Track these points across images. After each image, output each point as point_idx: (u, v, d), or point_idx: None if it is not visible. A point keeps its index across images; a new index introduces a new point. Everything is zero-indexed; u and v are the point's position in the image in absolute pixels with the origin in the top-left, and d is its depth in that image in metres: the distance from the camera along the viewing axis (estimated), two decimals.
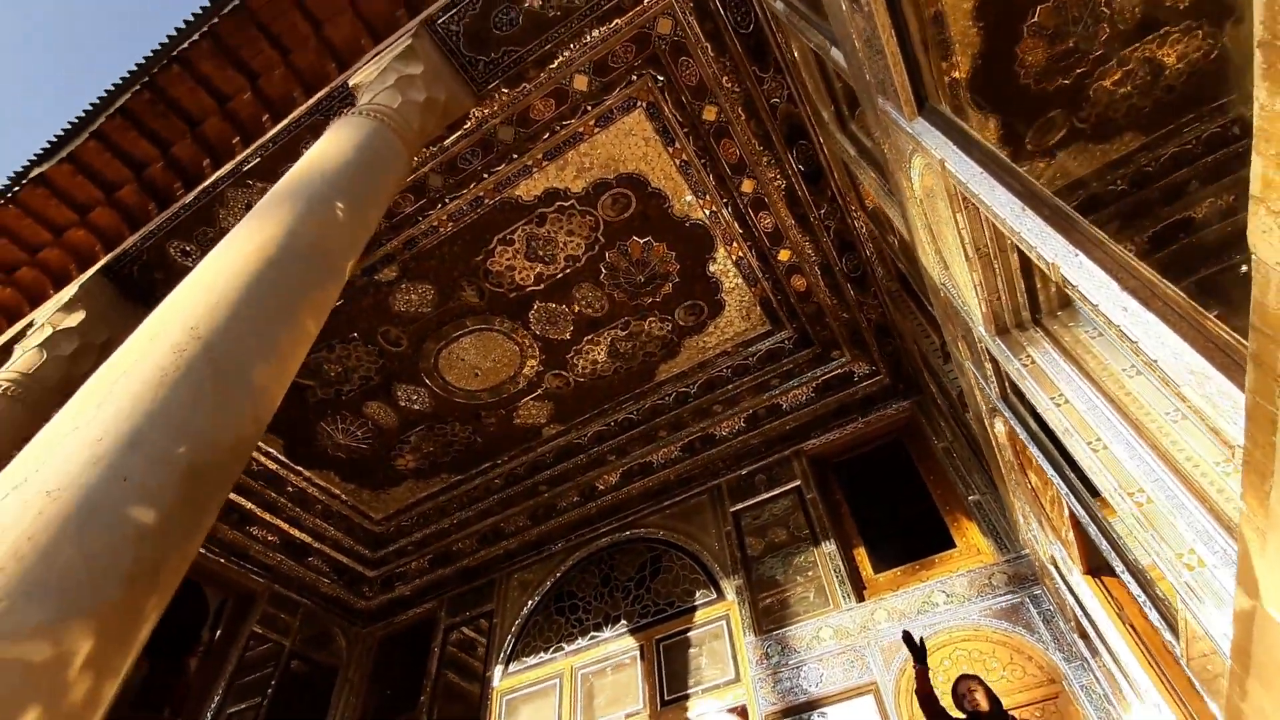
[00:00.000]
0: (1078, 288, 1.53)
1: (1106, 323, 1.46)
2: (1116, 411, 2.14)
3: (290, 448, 7.82)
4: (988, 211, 1.90)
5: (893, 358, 6.66)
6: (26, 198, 5.81)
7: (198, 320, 1.99)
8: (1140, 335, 1.36)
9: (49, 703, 1.25)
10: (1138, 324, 1.37)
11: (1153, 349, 1.32)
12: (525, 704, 6.90)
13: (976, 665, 4.88)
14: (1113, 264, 1.45)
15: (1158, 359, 1.30)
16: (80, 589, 1.40)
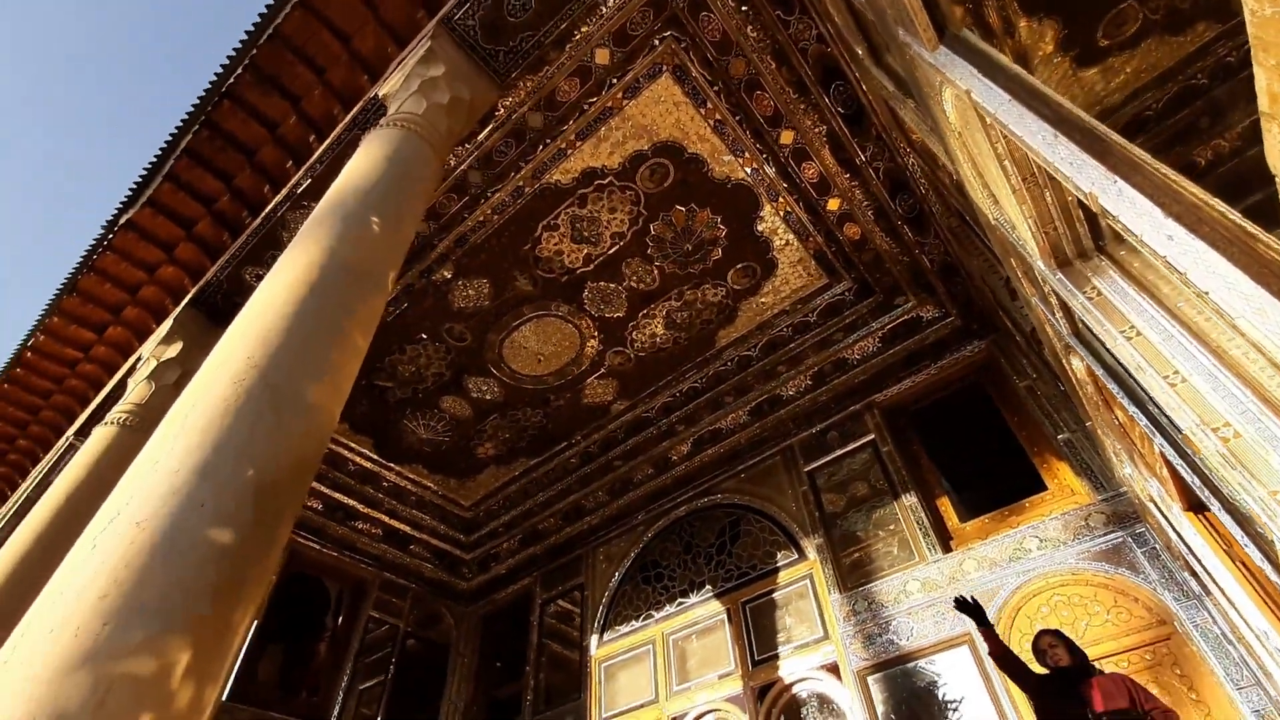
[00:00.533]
0: (1118, 217, 1.39)
1: (1152, 254, 1.33)
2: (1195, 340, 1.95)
3: (379, 446, 8.32)
4: (1019, 142, 1.75)
5: (962, 298, 6.30)
6: (120, 243, 6.34)
7: (253, 350, 2.15)
8: (1188, 265, 1.23)
9: (159, 710, 1.42)
10: (1185, 252, 1.24)
11: (1202, 279, 1.19)
12: (622, 670, 7.17)
13: (1077, 610, 4.66)
14: (1154, 188, 1.31)
15: (1208, 290, 1.18)
16: (174, 607, 1.56)
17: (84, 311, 6.81)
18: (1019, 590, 4.97)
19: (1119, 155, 1.40)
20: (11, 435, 8.21)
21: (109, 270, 6.49)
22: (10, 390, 7.57)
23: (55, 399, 7.74)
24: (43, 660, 1.40)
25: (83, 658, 1.40)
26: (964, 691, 4.85)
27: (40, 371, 7.44)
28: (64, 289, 6.72)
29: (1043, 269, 2.58)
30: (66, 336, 7.08)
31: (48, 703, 1.33)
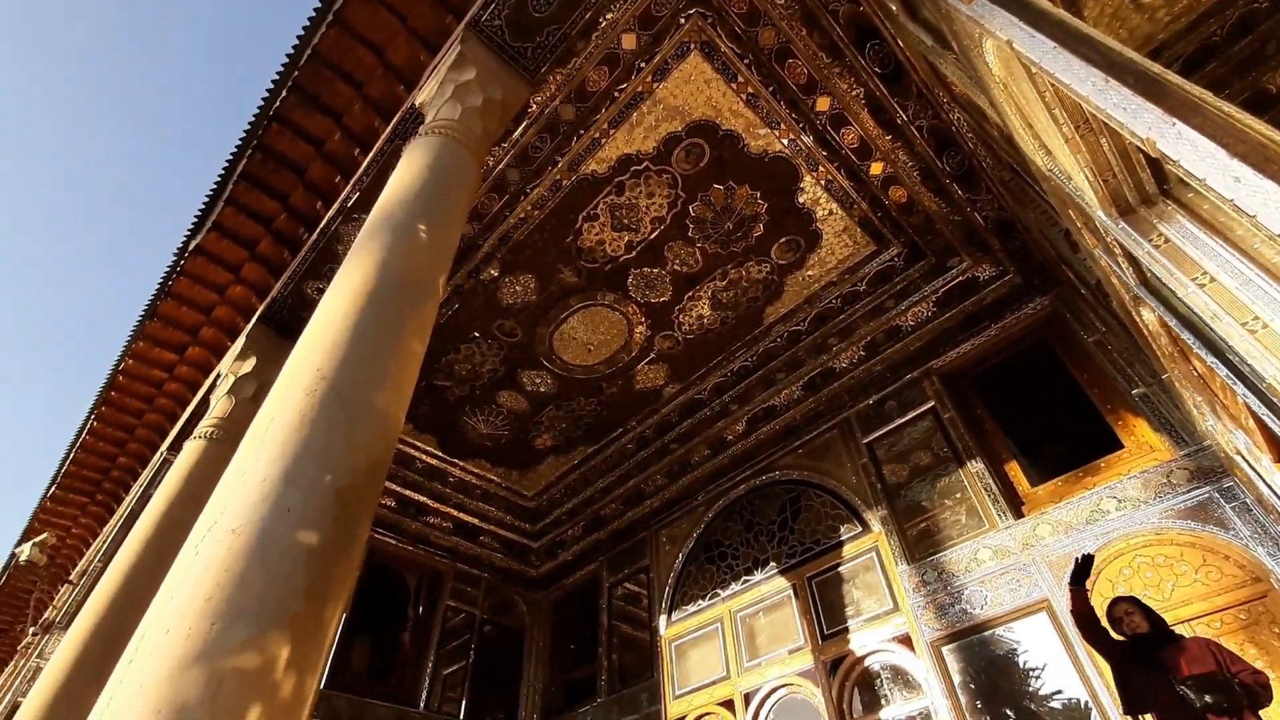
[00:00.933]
0: (1179, 161, 1.33)
1: (1219, 199, 1.26)
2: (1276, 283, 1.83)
3: (443, 443, 8.63)
4: (1067, 90, 1.67)
5: (1020, 254, 6.02)
6: (191, 267, 6.73)
7: (320, 363, 2.28)
8: (1258, 207, 1.16)
9: (267, 700, 1.56)
10: (1254, 194, 1.17)
11: (1274, 221, 1.13)
12: (692, 648, 7.28)
13: (1162, 571, 4.45)
14: (1216, 128, 1.24)
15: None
16: (272, 606, 1.70)
17: (165, 335, 7.29)
18: (1098, 553, 4.78)
19: (1176, 96, 1.33)
20: (113, 454, 8.89)
21: (184, 294, 6.91)
22: (108, 413, 8.18)
23: (148, 418, 8.33)
24: (161, 659, 1.55)
25: (195, 656, 1.54)
26: (1045, 658, 4.73)
27: (132, 393, 8.02)
28: (146, 314, 7.20)
29: (1104, 219, 2.46)
30: (152, 359, 7.59)
31: (170, 697, 1.47)
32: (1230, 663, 2.93)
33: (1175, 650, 3.08)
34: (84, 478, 9.24)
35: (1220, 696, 2.76)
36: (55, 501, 9.48)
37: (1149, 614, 3.32)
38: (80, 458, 8.83)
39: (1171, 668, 3.01)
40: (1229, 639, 4.11)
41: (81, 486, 9.39)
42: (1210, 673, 2.87)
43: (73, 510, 9.78)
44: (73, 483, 9.25)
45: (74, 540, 10.30)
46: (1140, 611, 3.34)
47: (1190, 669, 2.94)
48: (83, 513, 9.85)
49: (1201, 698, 2.83)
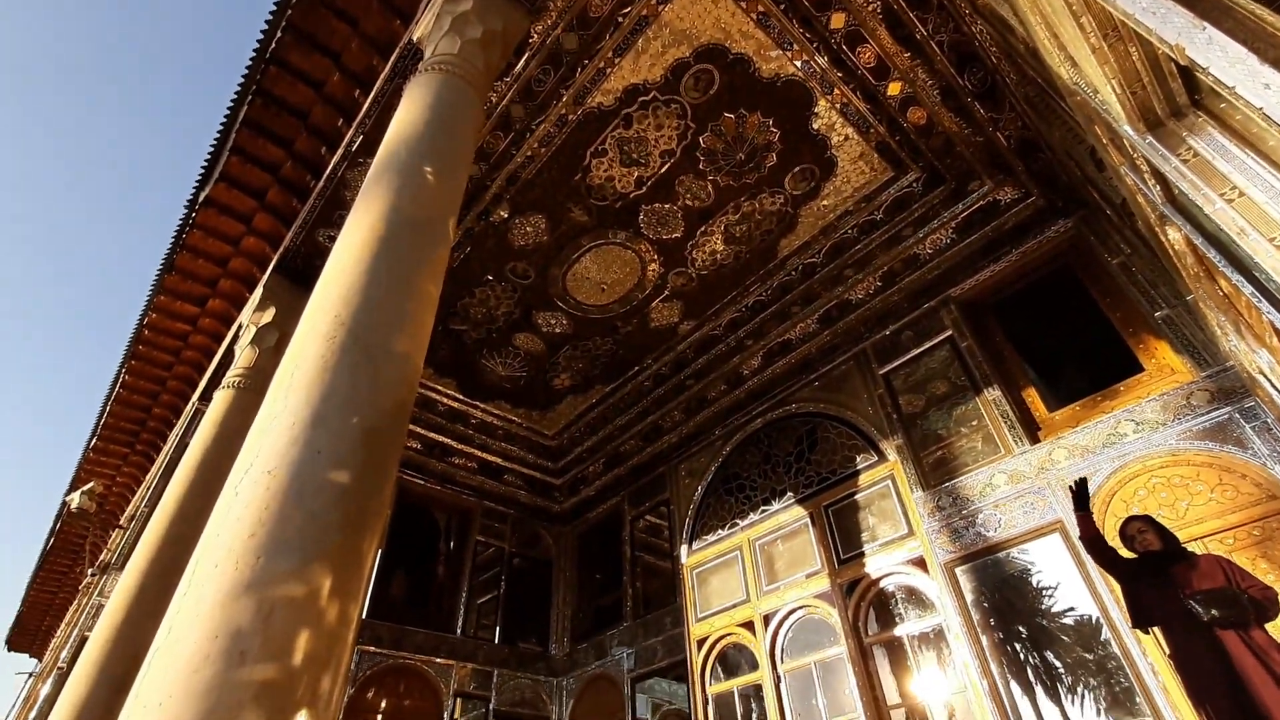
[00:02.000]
0: (1209, 69, 1.27)
1: (1249, 108, 1.21)
2: None
3: (463, 386, 8.79)
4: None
5: (1044, 175, 5.81)
6: (203, 219, 6.74)
7: (339, 309, 2.31)
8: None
9: (313, 627, 1.67)
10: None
11: None
12: (712, 575, 7.57)
13: (1177, 491, 4.50)
14: (1248, 33, 1.18)
15: None
16: (311, 540, 1.80)
17: (184, 288, 7.38)
18: (1114, 475, 4.83)
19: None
20: (147, 405, 9.19)
21: (198, 246, 6.95)
22: (138, 366, 8.41)
23: (176, 370, 8.55)
24: (214, 590, 1.66)
25: (245, 586, 1.65)
26: (1058, 577, 4.86)
27: (159, 346, 8.21)
28: (163, 268, 7.28)
29: (1131, 134, 2.37)
30: (174, 312, 7.72)
31: (226, 623, 1.59)
32: (1240, 578, 3.00)
33: (1186, 567, 3.15)
34: (122, 429, 9.59)
35: (1227, 610, 2.84)
36: (97, 453, 9.89)
37: (1162, 532, 3.38)
38: (116, 410, 9.15)
39: (1181, 583, 3.09)
40: (1241, 555, 4.18)
41: (121, 438, 9.76)
42: (1219, 588, 2.94)
43: (115, 460, 10.21)
44: (112, 434, 9.62)
45: (119, 488, 10.79)
46: (1153, 530, 3.40)
47: (1200, 584, 3.01)
48: (125, 462, 10.28)
49: (1209, 611, 2.91)
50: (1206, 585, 2.99)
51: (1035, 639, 4.79)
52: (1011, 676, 4.79)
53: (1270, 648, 2.73)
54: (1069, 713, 4.47)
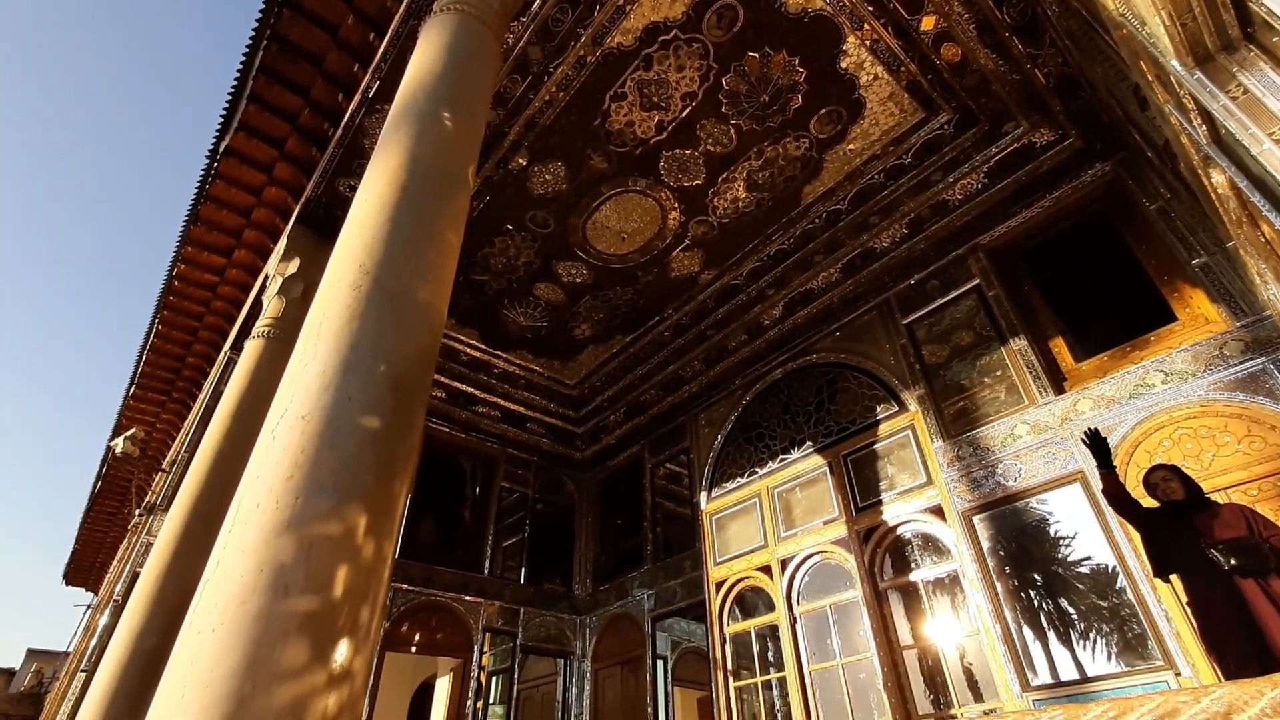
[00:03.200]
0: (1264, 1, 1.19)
1: None
2: None
3: (485, 336, 8.88)
4: None
5: (1083, 115, 5.55)
6: (225, 169, 6.76)
7: (362, 258, 2.34)
8: None
9: (351, 562, 1.77)
10: None
11: None
12: (731, 521, 7.73)
13: (1204, 442, 4.45)
14: None
15: None
16: (346, 482, 1.88)
17: (210, 239, 7.48)
18: (1139, 426, 4.78)
19: None
20: (181, 354, 9.46)
21: (221, 197, 7.00)
22: (170, 316, 8.62)
23: (207, 320, 8.75)
24: (257, 528, 1.76)
25: (285, 524, 1.74)
26: (1076, 527, 4.89)
27: (189, 297, 8.39)
28: (189, 219, 7.37)
29: (1178, 69, 2.25)
30: (201, 263, 7.85)
31: (270, 558, 1.68)
32: (1263, 527, 2.99)
33: (1209, 516, 3.15)
34: (158, 377, 9.90)
35: (1248, 559, 2.85)
36: (137, 399, 10.26)
37: (1186, 481, 3.36)
38: (152, 359, 9.43)
39: (1203, 531, 3.09)
40: (1265, 505, 4.15)
41: (158, 385, 10.09)
42: (1241, 537, 2.94)
43: (154, 406, 10.59)
44: (149, 382, 9.95)
45: (160, 433, 11.23)
46: (1177, 479, 3.38)
47: (1222, 533, 3.01)
48: (163, 409, 10.66)
49: (1229, 559, 2.92)
50: (1229, 534, 2.99)
51: (1050, 586, 4.86)
52: (1025, 622, 4.89)
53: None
54: (1080, 657, 4.57)
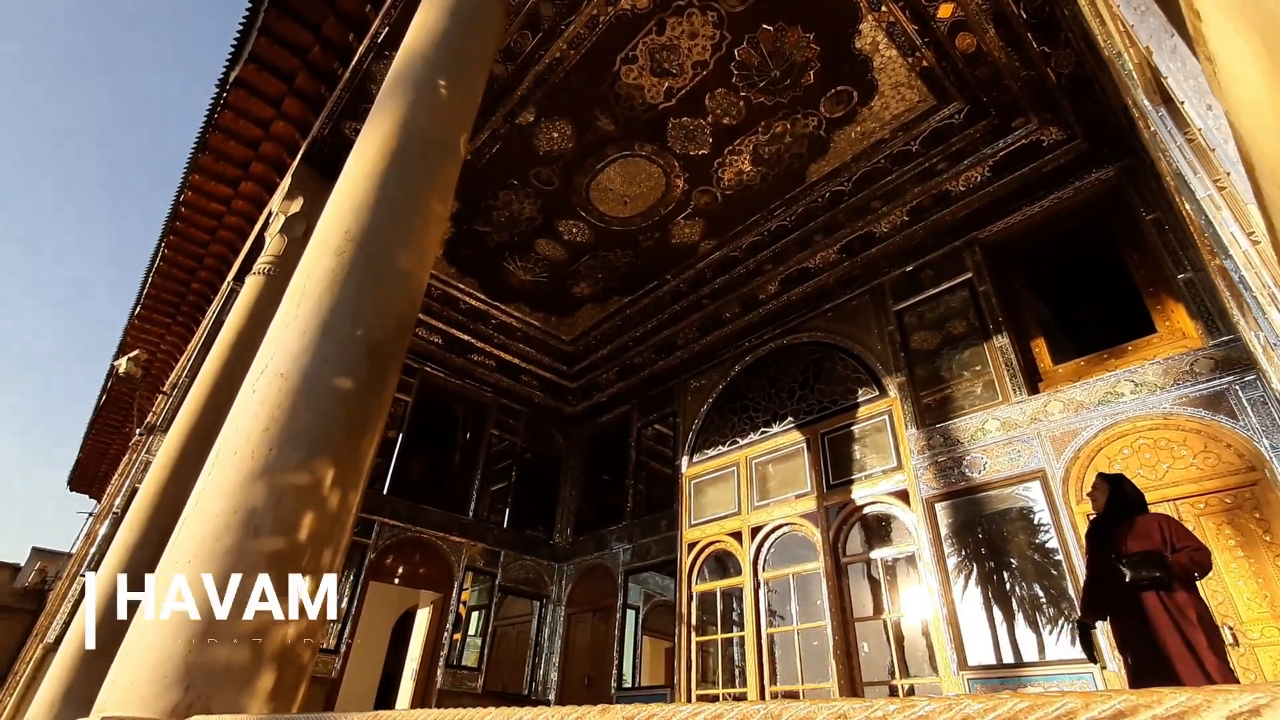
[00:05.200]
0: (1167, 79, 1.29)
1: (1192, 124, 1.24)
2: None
3: (484, 286, 8.99)
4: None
5: (1092, 117, 5.51)
6: (234, 100, 6.77)
7: (348, 225, 2.46)
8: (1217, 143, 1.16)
9: (317, 510, 1.95)
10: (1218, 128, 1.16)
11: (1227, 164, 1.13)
12: (709, 486, 8.00)
13: (1161, 453, 4.60)
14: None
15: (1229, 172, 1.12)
16: (317, 436, 2.05)
17: (218, 168, 7.53)
18: (1103, 432, 4.94)
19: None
20: (186, 279, 9.61)
21: (230, 127, 7.02)
22: (176, 242, 8.73)
23: (212, 248, 8.87)
24: (234, 473, 1.94)
25: (259, 472, 1.92)
26: (1031, 522, 5.11)
27: (195, 224, 8.48)
28: (197, 147, 7.41)
29: (1146, 105, 2.31)
30: (208, 191, 7.91)
31: (244, 502, 1.87)
32: (1176, 537, 3.13)
33: (1128, 526, 3.31)
34: (164, 300, 10.09)
35: (1149, 572, 3.00)
36: (141, 320, 10.47)
37: (1115, 493, 3.49)
38: (157, 283, 9.59)
39: (1117, 543, 3.26)
40: (1209, 519, 4.34)
41: (163, 309, 10.29)
42: (1145, 551, 3.10)
43: (158, 329, 10.81)
44: (154, 305, 10.13)
45: (163, 355, 11.49)
46: (1105, 488, 3.51)
47: (1133, 545, 3.18)
48: (167, 331, 10.88)
49: (1126, 573, 3.09)
50: (1139, 546, 3.15)
51: (998, 575, 5.11)
52: (970, 606, 5.15)
53: (1187, 605, 2.92)
54: (1016, 643, 4.84)
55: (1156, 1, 1.31)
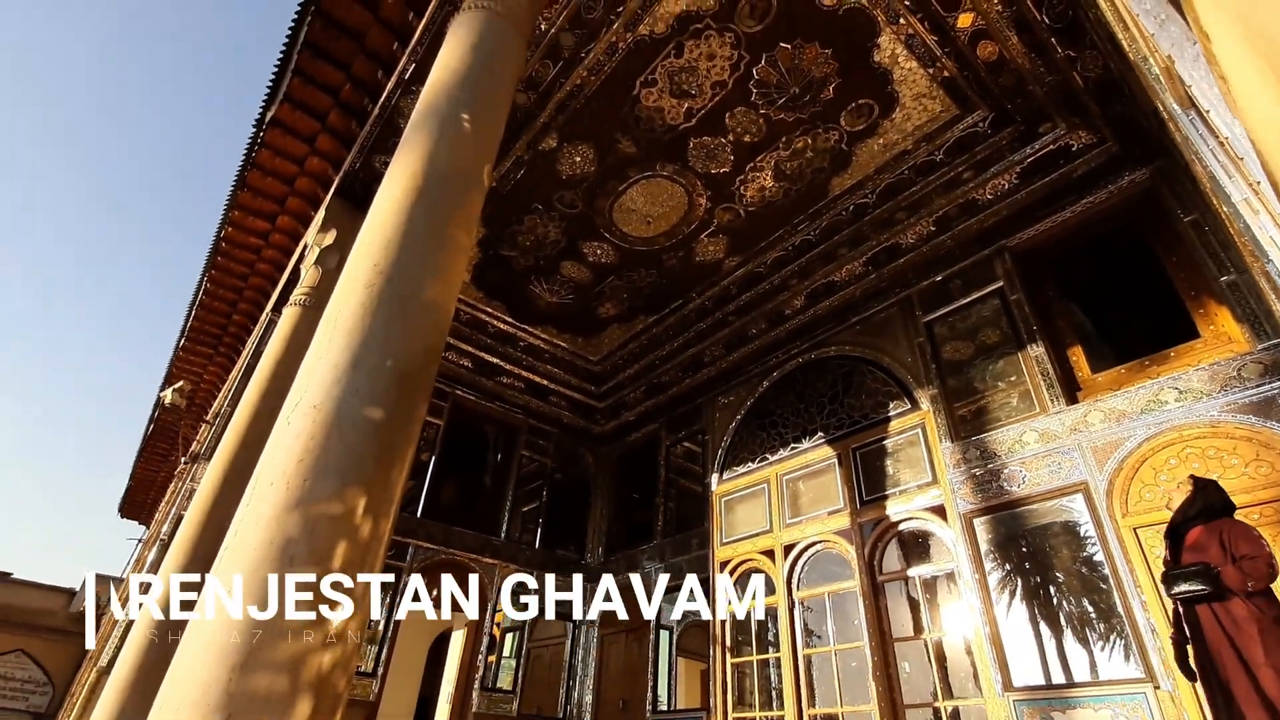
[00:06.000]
0: (1191, 88, 1.27)
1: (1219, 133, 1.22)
2: None
3: (512, 309, 9.12)
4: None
5: (1122, 120, 5.39)
6: (270, 139, 7.04)
7: (376, 258, 2.54)
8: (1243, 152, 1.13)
9: (350, 538, 2.00)
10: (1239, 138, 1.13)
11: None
12: (740, 504, 7.92)
13: (1210, 463, 4.42)
14: None
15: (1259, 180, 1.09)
16: (349, 467, 2.10)
17: (256, 204, 7.83)
18: (1147, 442, 4.76)
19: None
20: (227, 312, 9.96)
21: (267, 165, 7.31)
22: (217, 275, 9.07)
23: (252, 281, 9.18)
24: (270, 504, 2.00)
25: (294, 503, 1.98)
26: (1075, 537, 4.95)
27: (236, 259, 8.80)
28: (236, 184, 7.71)
29: (1175, 109, 2.26)
30: (247, 227, 8.22)
31: (279, 531, 1.93)
32: (1236, 546, 2.97)
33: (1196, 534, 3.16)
34: (206, 333, 10.46)
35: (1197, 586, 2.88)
36: (185, 353, 10.86)
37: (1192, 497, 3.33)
38: (200, 315, 9.96)
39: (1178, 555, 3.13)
40: (1265, 530, 4.12)
41: (206, 340, 10.66)
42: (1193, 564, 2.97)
43: (201, 360, 11.20)
44: (197, 337, 10.51)
45: (206, 385, 11.88)
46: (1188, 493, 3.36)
47: (1190, 557, 3.05)
48: (210, 362, 11.26)
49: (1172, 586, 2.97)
50: (1194, 559, 3.02)
51: (1042, 593, 4.93)
52: (1014, 624, 4.98)
53: (1247, 620, 2.77)
54: (1064, 663, 4.66)
55: (1176, 9, 1.30)
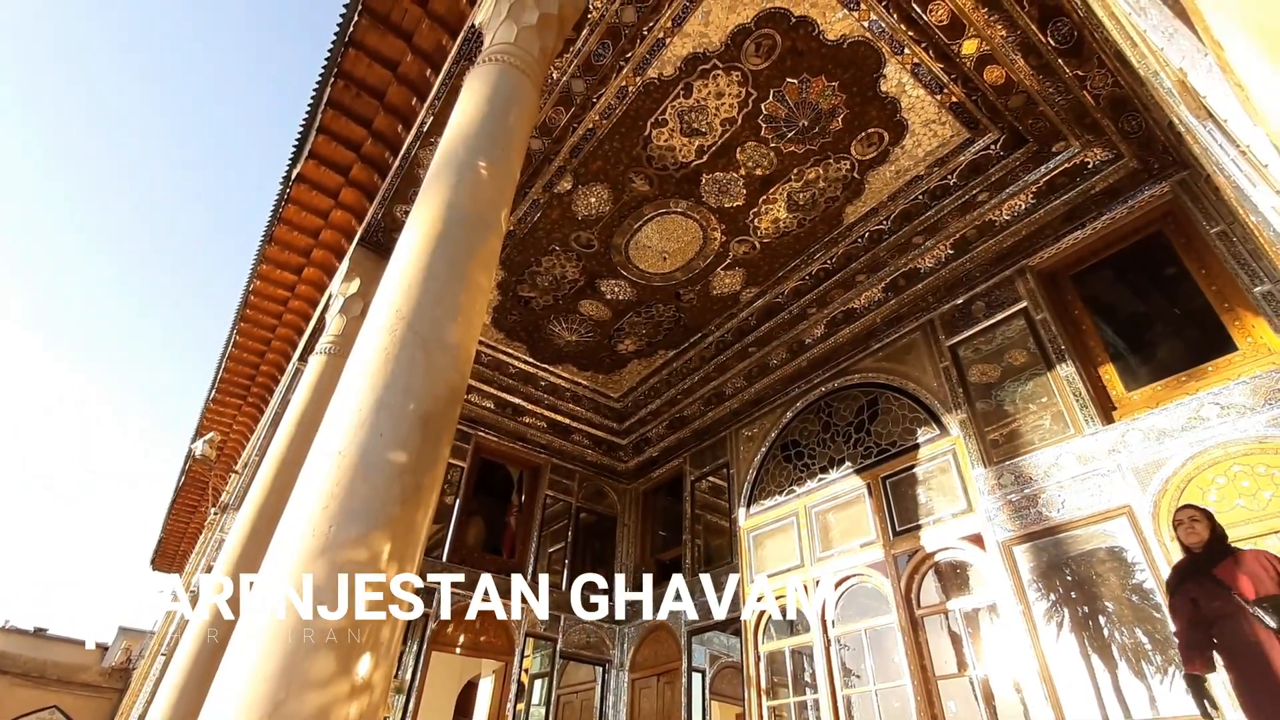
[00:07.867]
0: (1206, 99, 1.25)
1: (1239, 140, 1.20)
2: None
3: (532, 349, 9.20)
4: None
5: (1138, 134, 5.35)
6: (297, 195, 7.30)
7: (398, 302, 2.59)
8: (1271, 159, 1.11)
9: (374, 584, 1.98)
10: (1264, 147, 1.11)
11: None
12: (769, 538, 7.75)
13: (1261, 481, 4.23)
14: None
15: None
16: (374, 511, 2.10)
17: (283, 258, 8.07)
18: (1191, 461, 4.59)
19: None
20: (255, 363, 10.19)
21: (293, 220, 7.56)
22: (246, 328, 9.31)
23: (279, 332, 9.41)
24: (296, 550, 2.00)
25: (320, 549, 1.98)
26: (1121, 562, 4.73)
27: (263, 310, 9.04)
28: (264, 240, 7.97)
29: (1192, 121, 2.24)
30: (275, 280, 8.47)
31: (304, 580, 1.92)
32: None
33: (1231, 565, 3.02)
34: (235, 384, 10.69)
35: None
36: (215, 404, 11.10)
37: (1213, 526, 3.22)
38: (230, 367, 10.19)
39: (1230, 586, 2.97)
40: None
41: (235, 391, 10.89)
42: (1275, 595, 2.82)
43: (230, 410, 11.42)
44: (227, 389, 10.75)
45: (235, 435, 12.09)
46: (1205, 521, 3.24)
47: (1257, 589, 2.88)
48: (238, 412, 11.48)
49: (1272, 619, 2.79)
50: (1264, 590, 2.86)
51: (1092, 623, 4.71)
52: (1064, 658, 4.75)
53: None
54: (1121, 697, 4.41)
55: (1184, 22, 1.30)
